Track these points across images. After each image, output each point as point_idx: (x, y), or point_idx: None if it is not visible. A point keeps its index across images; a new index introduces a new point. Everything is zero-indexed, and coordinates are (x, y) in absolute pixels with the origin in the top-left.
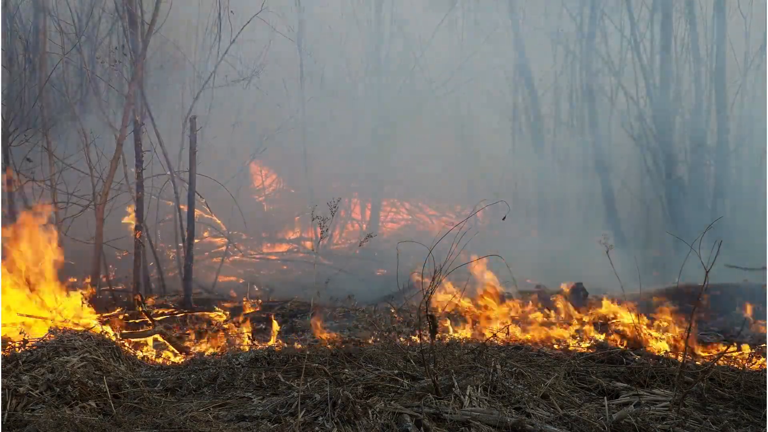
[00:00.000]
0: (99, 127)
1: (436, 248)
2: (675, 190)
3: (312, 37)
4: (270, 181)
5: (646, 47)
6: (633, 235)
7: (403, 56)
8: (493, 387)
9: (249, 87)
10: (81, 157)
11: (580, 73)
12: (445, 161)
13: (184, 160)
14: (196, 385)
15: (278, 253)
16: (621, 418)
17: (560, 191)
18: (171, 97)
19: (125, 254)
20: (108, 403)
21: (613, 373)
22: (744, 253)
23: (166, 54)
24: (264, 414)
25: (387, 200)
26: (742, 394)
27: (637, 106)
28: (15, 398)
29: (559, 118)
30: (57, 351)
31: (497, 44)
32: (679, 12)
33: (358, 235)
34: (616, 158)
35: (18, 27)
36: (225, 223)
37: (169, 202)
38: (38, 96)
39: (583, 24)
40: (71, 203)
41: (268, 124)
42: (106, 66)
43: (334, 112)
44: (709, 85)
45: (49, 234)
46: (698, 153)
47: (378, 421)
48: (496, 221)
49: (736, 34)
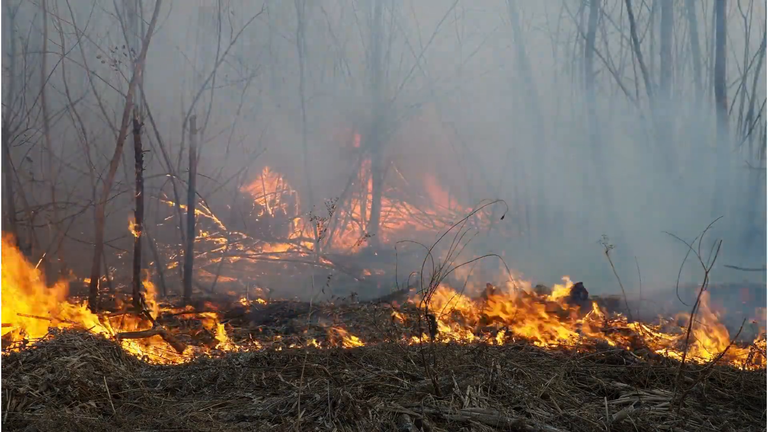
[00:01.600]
0: (99, 127)
1: (435, 248)
2: (675, 190)
3: (312, 37)
4: (270, 182)
5: (646, 47)
6: (633, 235)
7: (403, 56)
8: (493, 387)
9: (249, 87)
10: (81, 157)
11: (580, 73)
12: (445, 161)
13: (184, 160)
14: (196, 385)
15: (278, 253)
16: (621, 418)
17: (560, 191)
18: (171, 97)
19: (125, 253)
20: (108, 403)
21: (613, 373)
22: (744, 253)
23: (165, 54)
24: (264, 414)
25: (387, 200)
26: (742, 394)
27: (637, 106)
28: (15, 398)
29: (559, 118)
30: (57, 351)
31: (497, 44)
32: (679, 12)
33: (358, 236)
34: (616, 158)
35: (18, 27)
36: (225, 223)
37: (169, 202)
38: (38, 96)
39: (583, 24)
40: (71, 203)
41: (268, 124)
42: (106, 66)
43: (334, 112)
44: (709, 85)
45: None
46: (698, 153)
47: (378, 421)
48: (496, 221)
49: (736, 34)
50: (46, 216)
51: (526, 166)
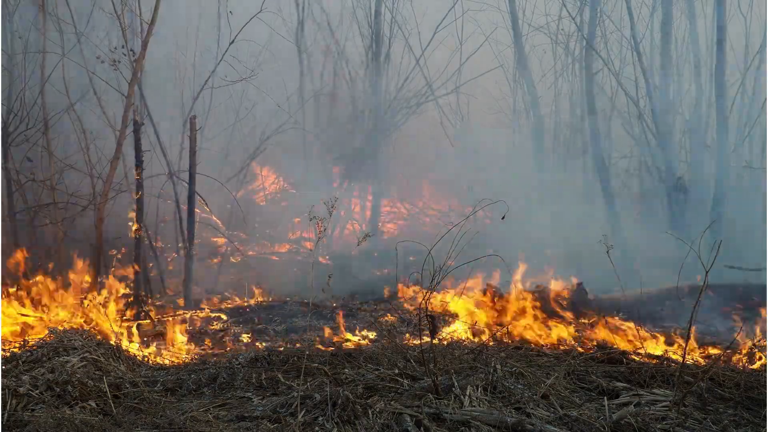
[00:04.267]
0: (99, 127)
1: (435, 248)
2: (675, 190)
3: (312, 37)
4: (270, 181)
5: (646, 47)
6: (633, 235)
7: (403, 56)
8: (493, 387)
9: (249, 87)
10: (81, 157)
11: (580, 73)
12: (445, 161)
13: (184, 160)
14: (196, 385)
15: (278, 253)
16: (621, 418)
17: (560, 191)
18: (171, 97)
19: (125, 253)
20: (108, 403)
21: (613, 373)
22: (744, 253)
23: (165, 54)
24: (264, 414)
25: (387, 200)
26: (742, 394)
27: (637, 106)
28: (15, 398)
29: (559, 118)
30: (57, 351)
31: (497, 44)
32: (679, 12)
33: (358, 235)
34: (616, 158)
35: (18, 27)
36: (225, 223)
37: (168, 200)
38: (38, 96)
39: (583, 24)
40: (71, 203)
41: (268, 124)
42: (106, 66)
43: (334, 112)
44: (709, 85)
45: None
46: (698, 153)
47: (378, 421)
48: (496, 221)
49: (736, 34)
50: (46, 216)
51: (525, 166)
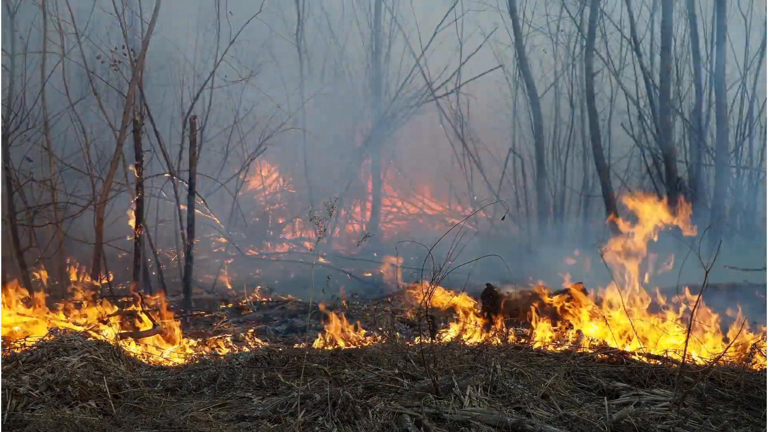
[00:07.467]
0: (99, 127)
1: (435, 248)
2: (675, 190)
3: (312, 37)
4: (270, 181)
5: (646, 47)
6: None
7: (403, 56)
8: (493, 387)
9: (249, 87)
10: (81, 157)
11: (580, 73)
12: (445, 161)
13: (184, 160)
14: (196, 385)
15: (278, 253)
16: (621, 418)
17: (560, 191)
18: (171, 97)
19: (125, 253)
20: (108, 403)
21: (613, 373)
22: (744, 253)
23: (165, 54)
24: (264, 414)
25: (387, 200)
26: (742, 394)
27: (637, 106)
28: (15, 398)
29: (559, 118)
30: (57, 351)
31: (497, 44)
32: (679, 12)
33: (358, 235)
34: (616, 158)
35: (18, 27)
36: (225, 223)
37: (168, 200)
38: (38, 96)
39: (583, 24)
40: (71, 203)
41: (268, 124)
42: (106, 66)
43: (334, 112)
44: (709, 85)
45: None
46: (698, 153)
47: (378, 421)
48: (496, 221)
49: (736, 34)
50: (46, 216)
51: (525, 165)
